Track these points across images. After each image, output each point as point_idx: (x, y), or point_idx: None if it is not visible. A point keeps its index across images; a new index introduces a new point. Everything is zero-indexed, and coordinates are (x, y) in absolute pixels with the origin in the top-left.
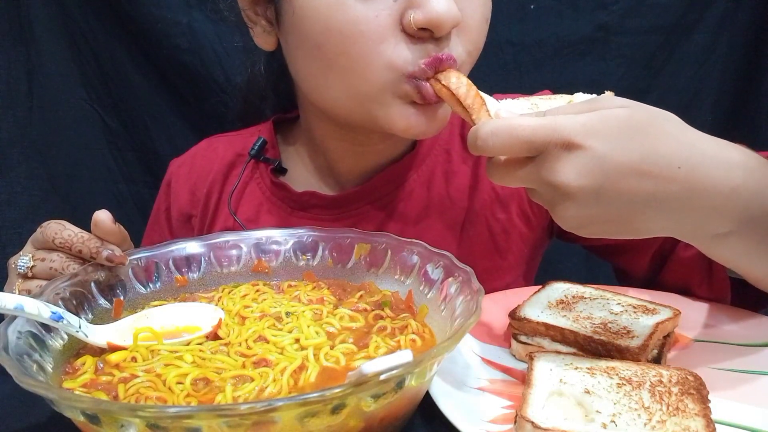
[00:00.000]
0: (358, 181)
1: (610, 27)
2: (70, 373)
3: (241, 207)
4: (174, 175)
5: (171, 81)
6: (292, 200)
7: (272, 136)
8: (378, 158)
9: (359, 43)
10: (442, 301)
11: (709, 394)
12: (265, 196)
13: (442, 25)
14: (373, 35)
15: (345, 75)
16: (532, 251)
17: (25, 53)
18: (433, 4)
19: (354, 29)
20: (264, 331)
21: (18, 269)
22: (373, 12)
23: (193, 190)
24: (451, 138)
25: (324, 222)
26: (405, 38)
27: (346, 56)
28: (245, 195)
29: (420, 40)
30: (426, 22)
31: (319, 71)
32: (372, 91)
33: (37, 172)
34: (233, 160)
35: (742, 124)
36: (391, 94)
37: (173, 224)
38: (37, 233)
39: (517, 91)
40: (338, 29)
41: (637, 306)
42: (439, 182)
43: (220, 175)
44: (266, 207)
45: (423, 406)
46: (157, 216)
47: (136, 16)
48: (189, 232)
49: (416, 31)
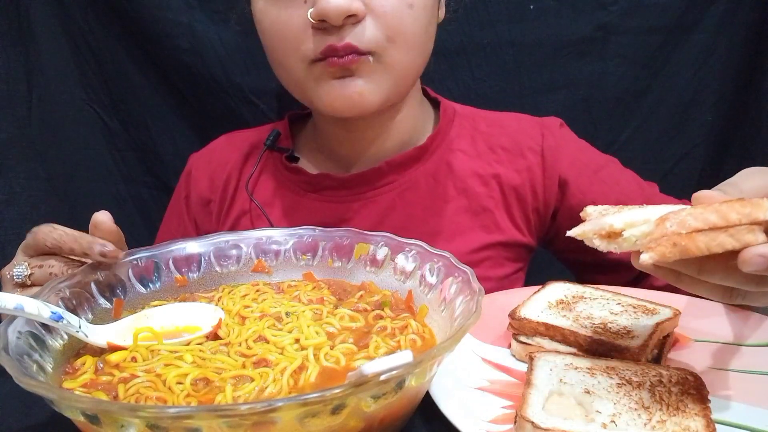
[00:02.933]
0: (363, 169)
1: (609, 27)
2: (70, 373)
3: (258, 191)
4: (194, 165)
5: (171, 81)
6: (306, 182)
7: (286, 129)
8: (374, 146)
9: (280, 42)
10: (442, 301)
11: (709, 394)
12: (279, 181)
13: (329, 16)
14: (289, 35)
15: (280, 68)
16: (527, 253)
17: (24, 53)
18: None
19: (275, 31)
20: (264, 331)
21: (14, 278)
22: (287, 15)
23: (213, 177)
24: (460, 138)
25: (335, 203)
26: (312, 32)
27: (275, 53)
28: (261, 180)
29: (323, 31)
30: (318, 15)
31: (271, 65)
32: (299, 79)
33: (36, 172)
34: (250, 151)
35: (742, 124)
36: (313, 80)
37: (192, 209)
38: (28, 239)
39: (517, 91)
40: (266, 32)
41: (637, 306)
42: (445, 175)
43: (238, 164)
44: (280, 191)
45: (423, 406)
46: (176, 204)
47: (137, 16)
48: (207, 216)
49: (318, 23)
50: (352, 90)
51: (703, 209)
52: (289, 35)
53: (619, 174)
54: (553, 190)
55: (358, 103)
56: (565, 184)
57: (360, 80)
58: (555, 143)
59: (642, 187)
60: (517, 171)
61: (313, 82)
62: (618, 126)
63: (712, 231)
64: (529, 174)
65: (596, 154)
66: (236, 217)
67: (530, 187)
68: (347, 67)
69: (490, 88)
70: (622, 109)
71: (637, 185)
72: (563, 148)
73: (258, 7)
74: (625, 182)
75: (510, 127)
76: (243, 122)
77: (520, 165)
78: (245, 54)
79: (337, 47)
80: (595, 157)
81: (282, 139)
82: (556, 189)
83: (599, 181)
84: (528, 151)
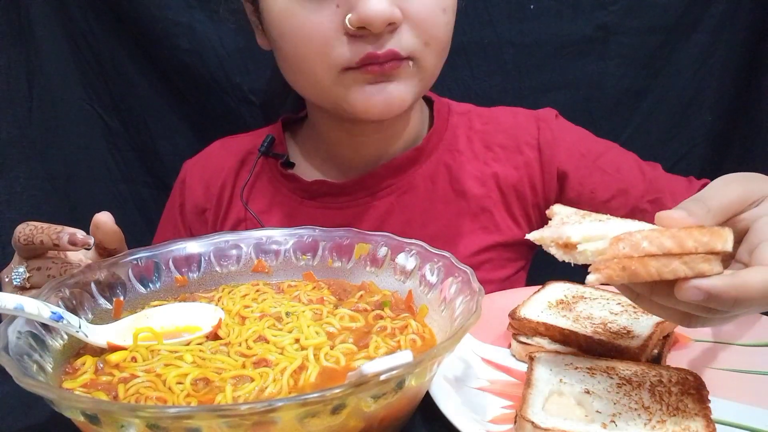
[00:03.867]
0: (361, 173)
1: (609, 27)
2: (70, 373)
3: (254, 200)
4: (188, 173)
5: (171, 81)
6: (302, 190)
7: (281, 134)
8: (377, 150)
9: (306, 47)
10: (442, 301)
11: (709, 394)
12: (275, 188)
13: (373, 23)
14: (317, 40)
15: (302, 73)
16: (529, 251)
17: (25, 53)
18: (365, 5)
19: (302, 35)
20: (264, 331)
21: (13, 282)
22: (318, 19)
23: (207, 185)
24: (456, 138)
25: (333, 210)
26: (348, 39)
27: (297, 58)
28: (257, 188)
29: (361, 38)
30: (359, 22)
31: (288, 69)
32: (326, 86)
33: (36, 172)
34: (244, 157)
35: (742, 124)
36: (343, 86)
37: (187, 218)
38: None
39: (517, 91)
40: (289, 35)
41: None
42: (443, 178)
43: (233, 171)
44: (278, 198)
45: (423, 406)
46: (170, 213)
47: (137, 16)
48: (203, 225)
49: (356, 31)
50: (391, 94)
51: (660, 233)
52: (318, 41)
53: (620, 160)
54: (552, 184)
55: (397, 106)
56: (564, 177)
57: (398, 84)
58: (551, 136)
59: (644, 172)
60: (515, 167)
61: (343, 88)
62: (618, 126)
63: (665, 257)
64: (528, 170)
65: (594, 142)
66: (232, 226)
67: (529, 183)
68: (386, 73)
69: (490, 87)
70: (622, 109)
71: (639, 170)
72: (560, 140)
73: (279, 7)
74: (627, 169)
75: (506, 122)
76: (242, 122)
77: (518, 161)
78: (245, 54)
79: (379, 55)
80: (593, 145)
81: (276, 144)
82: (555, 183)
83: (599, 169)
84: (525, 146)
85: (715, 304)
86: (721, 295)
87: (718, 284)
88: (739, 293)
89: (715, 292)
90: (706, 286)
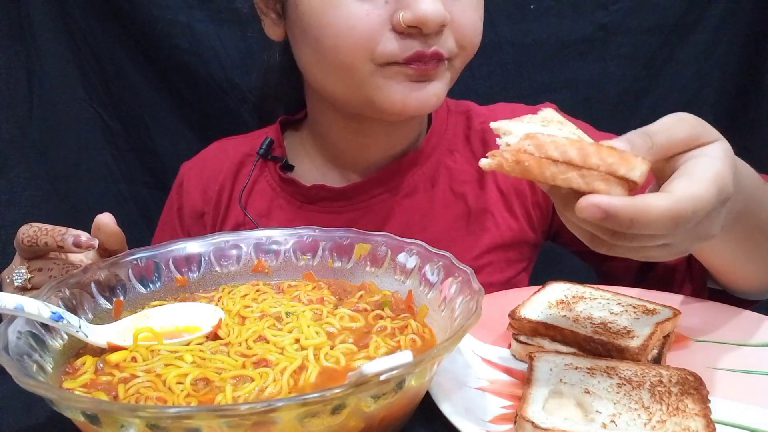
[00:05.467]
0: (362, 175)
1: (610, 27)
2: (70, 373)
3: (252, 203)
4: (186, 175)
5: (171, 81)
6: (301, 194)
7: (279, 135)
8: (381, 153)
9: (350, 39)
10: (442, 301)
11: (709, 394)
12: (275, 192)
13: (428, 23)
14: (363, 32)
15: (339, 66)
16: (532, 250)
17: (25, 53)
18: (421, 5)
19: (346, 25)
20: (264, 331)
21: (14, 282)
22: (364, 10)
23: (205, 188)
24: (455, 138)
25: (332, 214)
26: (394, 35)
27: (337, 49)
28: (255, 192)
29: (408, 36)
30: (414, 21)
31: (318, 62)
32: (363, 78)
33: (37, 172)
34: (242, 159)
35: (742, 124)
36: (381, 78)
37: (186, 222)
38: (15, 241)
39: (517, 91)
40: (332, 24)
41: (637, 306)
42: (443, 179)
43: (231, 174)
44: (276, 202)
45: (423, 406)
46: (168, 216)
47: (136, 16)
48: (201, 228)
49: (405, 28)
50: (429, 93)
51: (570, 143)
52: (362, 33)
53: None
54: None
55: (432, 105)
56: None
57: (435, 83)
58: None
59: None
60: None
61: (382, 80)
62: (618, 126)
63: (565, 164)
64: None
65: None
66: (231, 230)
67: (528, 181)
68: (428, 72)
69: (490, 87)
70: (622, 109)
71: None
72: None
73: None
74: None
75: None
76: (242, 122)
77: None
78: (245, 54)
79: (426, 54)
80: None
81: (275, 147)
82: None
83: None
84: None
85: (611, 224)
86: (618, 214)
87: (615, 203)
88: (637, 214)
89: (612, 211)
90: (605, 204)
